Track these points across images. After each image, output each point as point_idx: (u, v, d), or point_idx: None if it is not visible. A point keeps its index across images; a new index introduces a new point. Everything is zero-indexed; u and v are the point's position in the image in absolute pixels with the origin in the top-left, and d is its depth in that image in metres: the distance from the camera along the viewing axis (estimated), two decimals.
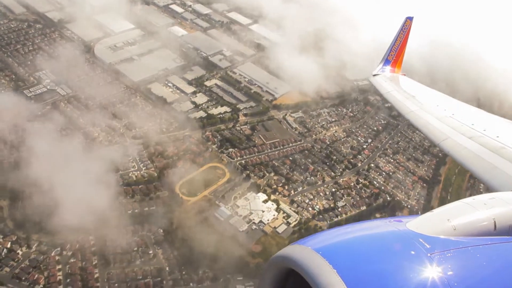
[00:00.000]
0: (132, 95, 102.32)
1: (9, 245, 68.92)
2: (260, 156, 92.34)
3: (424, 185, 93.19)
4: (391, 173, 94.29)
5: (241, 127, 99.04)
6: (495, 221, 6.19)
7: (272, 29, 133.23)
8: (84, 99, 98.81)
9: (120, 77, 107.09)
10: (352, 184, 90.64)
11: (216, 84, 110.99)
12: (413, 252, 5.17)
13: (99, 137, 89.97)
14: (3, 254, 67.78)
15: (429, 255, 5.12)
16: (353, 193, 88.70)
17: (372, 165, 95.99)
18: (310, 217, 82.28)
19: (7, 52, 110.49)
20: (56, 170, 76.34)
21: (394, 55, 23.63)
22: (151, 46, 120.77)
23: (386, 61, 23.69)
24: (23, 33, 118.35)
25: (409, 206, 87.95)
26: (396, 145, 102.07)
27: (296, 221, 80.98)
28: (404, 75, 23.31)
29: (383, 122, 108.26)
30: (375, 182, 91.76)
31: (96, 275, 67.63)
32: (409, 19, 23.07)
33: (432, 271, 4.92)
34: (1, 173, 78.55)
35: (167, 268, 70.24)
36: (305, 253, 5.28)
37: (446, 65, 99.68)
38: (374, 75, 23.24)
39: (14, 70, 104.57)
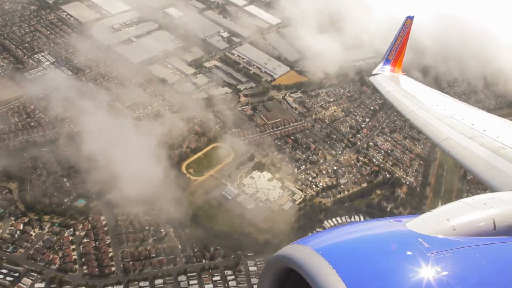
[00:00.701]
0: (133, 77, 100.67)
1: (21, 227, 68.14)
2: (262, 136, 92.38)
3: (421, 162, 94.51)
4: (389, 151, 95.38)
5: (243, 107, 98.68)
6: (494, 221, 6.11)
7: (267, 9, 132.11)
8: (85, 81, 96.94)
9: (119, 59, 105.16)
10: (352, 162, 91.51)
11: (215, 65, 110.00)
12: (412, 252, 5.12)
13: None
14: (16, 235, 67.01)
15: (428, 255, 5.07)
16: (354, 170, 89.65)
17: (371, 143, 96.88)
18: (314, 194, 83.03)
19: (3, 34, 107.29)
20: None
21: (395, 54, 23.03)
22: (148, 27, 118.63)
23: (386, 60, 23.13)
24: (18, 15, 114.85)
25: (407, 183, 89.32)
26: (392, 124, 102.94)
27: (301, 198, 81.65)
28: (405, 74, 22.79)
29: (379, 102, 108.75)
30: (374, 160, 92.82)
31: (110, 254, 67.53)
32: (410, 18, 22.39)
33: (431, 271, 4.88)
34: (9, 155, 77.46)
35: (179, 246, 70.43)
36: (305, 253, 5.21)
37: (456, 43, 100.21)
38: (374, 74, 22.71)
39: (12, 52, 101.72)
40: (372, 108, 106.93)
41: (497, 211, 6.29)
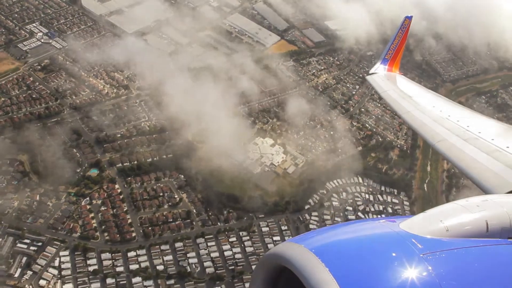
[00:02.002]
0: (129, 47, 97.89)
1: (38, 198, 66.91)
2: (261, 103, 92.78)
3: None
4: (380, 116, 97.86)
5: (239, 76, 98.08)
6: (487, 223, 5.99)
7: None
8: (81, 52, 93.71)
9: (113, 29, 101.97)
10: (347, 127, 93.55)
11: (208, 35, 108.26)
12: (405, 253, 5.04)
13: (104, 89, 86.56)
14: (34, 206, 65.86)
15: (421, 255, 5.01)
16: (349, 135, 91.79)
17: (362, 109, 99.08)
18: (315, 158, 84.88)
19: None
20: None
21: (392, 54, 22.33)
22: None
23: (384, 59, 22.44)
24: None
25: (399, 146, 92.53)
26: None
27: (303, 162, 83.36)
28: (402, 74, 22.29)
29: (366, 69, 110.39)
30: (367, 125, 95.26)
31: (129, 221, 67.56)
32: (408, 18, 21.69)
33: (423, 272, 4.81)
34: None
35: (194, 211, 71.09)
36: (299, 251, 5.10)
37: (465, 13, 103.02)
38: (371, 74, 22.08)
39: (3, 23, 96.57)
40: (360, 75, 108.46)
41: (490, 213, 6.16)
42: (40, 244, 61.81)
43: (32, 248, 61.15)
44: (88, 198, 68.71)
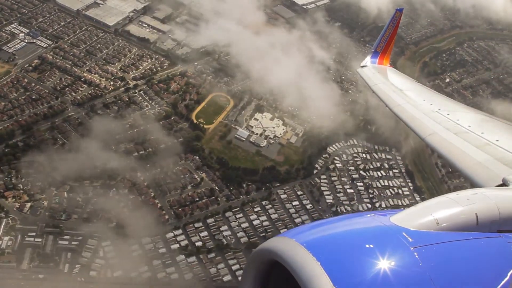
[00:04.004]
0: (114, 39, 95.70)
1: (66, 195, 65.94)
2: (253, 81, 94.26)
3: None
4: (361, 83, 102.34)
5: (226, 57, 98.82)
6: (477, 216, 5.89)
7: None
8: (69, 48, 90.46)
9: (93, 23, 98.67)
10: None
11: (186, 20, 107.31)
12: (396, 246, 4.93)
13: (101, 83, 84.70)
14: (64, 203, 64.93)
15: (412, 249, 4.90)
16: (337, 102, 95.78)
17: (343, 77, 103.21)
18: (312, 126, 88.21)
19: None
20: None
21: (383, 47, 21.64)
22: None
23: (375, 52, 21.84)
24: None
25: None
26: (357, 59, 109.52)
27: (302, 132, 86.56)
28: (392, 67, 21.97)
29: (338, 40, 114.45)
30: (350, 92, 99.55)
31: (158, 205, 68.24)
32: (399, 11, 21.31)
33: (414, 265, 4.73)
34: None
35: (216, 188, 72.69)
36: (290, 246, 4.98)
37: None
38: (362, 67, 21.45)
39: None
40: (334, 46, 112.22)
41: (480, 207, 6.07)
42: (80, 238, 61.53)
43: (74, 243, 60.84)
44: (114, 189, 68.47)
